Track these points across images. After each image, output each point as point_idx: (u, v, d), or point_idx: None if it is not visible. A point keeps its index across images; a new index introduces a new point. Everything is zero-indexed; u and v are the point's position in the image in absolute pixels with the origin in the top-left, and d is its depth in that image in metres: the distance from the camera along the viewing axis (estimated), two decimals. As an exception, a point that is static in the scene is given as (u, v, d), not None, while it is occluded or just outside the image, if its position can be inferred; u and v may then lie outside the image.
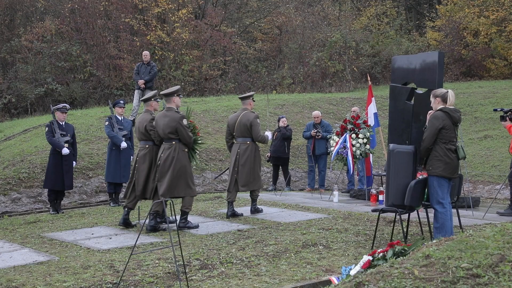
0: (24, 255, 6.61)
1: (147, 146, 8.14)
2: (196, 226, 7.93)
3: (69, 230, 8.17)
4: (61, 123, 10.07)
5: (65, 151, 9.86)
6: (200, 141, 8.25)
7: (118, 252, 6.59)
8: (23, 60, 24.02)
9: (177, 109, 7.95)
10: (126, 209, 8.21)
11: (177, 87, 8.36)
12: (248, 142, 8.90)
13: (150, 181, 8.03)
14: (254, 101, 9.21)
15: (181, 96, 8.40)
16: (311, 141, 12.53)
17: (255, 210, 9.05)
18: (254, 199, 9.10)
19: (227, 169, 9.64)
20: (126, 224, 8.15)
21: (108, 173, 10.53)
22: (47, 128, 10.02)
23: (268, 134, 9.15)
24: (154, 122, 7.97)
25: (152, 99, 8.37)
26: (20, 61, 24.00)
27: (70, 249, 6.91)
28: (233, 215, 8.74)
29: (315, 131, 12.40)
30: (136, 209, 8.48)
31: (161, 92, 8.26)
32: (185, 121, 7.82)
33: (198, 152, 8.28)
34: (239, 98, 9.47)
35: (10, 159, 12.18)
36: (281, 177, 13.20)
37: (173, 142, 7.80)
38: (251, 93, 9.57)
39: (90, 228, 8.27)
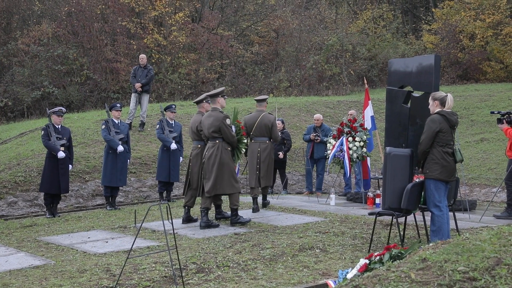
0: (20, 259, 6.58)
1: (199, 146, 8.54)
2: (248, 221, 8.32)
3: (65, 234, 8.14)
4: (57, 127, 10.04)
5: (61, 154, 9.84)
6: (245, 141, 8.60)
7: (114, 256, 6.57)
8: (19, 64, 23.99)
9: (222, 109, 8.29)
10: (186, 207, 8.63)
11: (222, 88, 8.75)
12: (267, 142, 9.62)
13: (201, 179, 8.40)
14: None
15: (225, 97, 8.82)
16: (310, 144, 12.52)
17: (264, 204, 9.86)
18: (265, 195, 9.87)
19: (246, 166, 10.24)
20: (188, 220, 8.54)
21: (104, 177, 10.52)
22: (43, 132, 9.99)
23: None
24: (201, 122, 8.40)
25: (204, 101, 8.76)
26: (17, 65, 23.97)
27: (66, 253, 6.89)
28: (257, 209, 9.40)
29: (314, 134, 12.39)
30: (132, 213, 8.46)
31: (207, 94, 8.73)
32: (228, 121, 8.13)
33: (243, 151, 8.65)
34: (256, 100, 10.10)
35: (6, 163, 12.16)
36: (278, 180, 13.19)
37: (217, 141, 8.11)
38: (266, 96, 10.39)
39: (87, 231, 8.25)
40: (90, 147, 13.27)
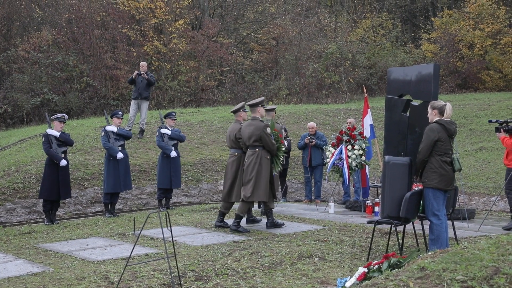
0: (18, 266, 6.57)
1: (236, 154, 8.76)
2: (282, 224, 8.65)
3: (64, 241, 8.13)
4: (57, 135, 10.04)
5: (63, 162, 9.86)
6: (283, 149, 8.74)
7: (113, 263, 6.56)
8: (19, 70, 24.02)
9: (261, 118, 8.57)
10: (220, 212, 8.87)
11: (262, 98, 8.96)
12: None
13: (236, 185, 8.64)
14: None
15: (265, 106, 9.02)
16: (307, 152, 12.52)
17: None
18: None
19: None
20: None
21: (108, 184, 10.50)
22: (44, 138, 10.01)
23: None
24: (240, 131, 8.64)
25: (241, 110, 9.01)
26: (17, 71, 24.00)
27: (64, 260, 6.88)
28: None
29: (309, 137, 12.40)
30: (131, 220, 8.45)
31: (247, 103, 8.97)
32: (268, 130, 8.36)
33: (282, 158, 8.79)
34: (266, 110, 9.92)
35: (6, 169, 12.15)
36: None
37: (257, 149, 8.37)
38: (274, 106, 10.53)
39: (85, 239, 8.24)
40: (89, 154, 13.27)
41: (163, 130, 11.27)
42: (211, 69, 27.31)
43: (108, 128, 10.68)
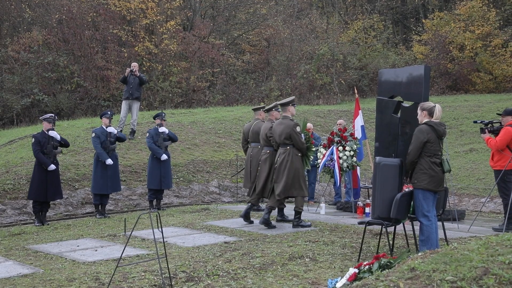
0: (8, 268, 6.54)
1: (268, 151, 9.07)
2: (309, 225, 8.70)
3: (54, 242, 8.10)
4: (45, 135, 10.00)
5: (52, 167, 9.82)
6: (313, 149, 9.03)
7: (103, 265, 6.54)
8: (9, 71, 23.89)
9: (292, 117, 8.79)
10: (249, 204, 9.21)
11: (292, 97, 9.21)
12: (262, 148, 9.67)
13: (269, 182, 8.92)
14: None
15: (295, 105, 9.18)
16: (300, 153, 12.50)
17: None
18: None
19: None
20: (246, 217, 9.01)
21: (95, 185, 10.49)
22: (33, 139, 9.94)
23: None
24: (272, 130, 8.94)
25: (273, 109, 9.37)
26: (7, 72, 23.86)
27: (55, 261, 6.85)
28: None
29: None
30: (122, 221, 8.43)
31: (278, 103, 9.32)
32: (298, 128, 8.63)
33: (312, 158, 9.05)
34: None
35: (-5, 170, 12.08)
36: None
37: (288, 147, 8.61)
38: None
39: (76, 240, 8.21)
40: (80, 155, 13.22)
41: (161, 129, 11.24)
42: (202, 70, 27.29)
43: (109, 129, 10.65)
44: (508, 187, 8.62)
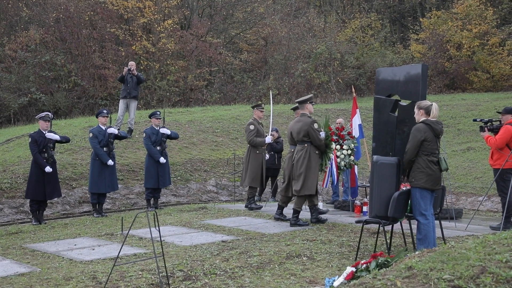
0: (5, 267, 6.53)
1: (292, 150, 8.99)
2: (307, 224, 8.75)
3: (52, 241, 8.08)
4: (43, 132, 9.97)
5: (48, 169, 9.77)
6: (332, 146, 9.07)
7: (101, 263, 6.53)
8: (6, 70, 23.84)
9: (310, 114, 8.81)
10: (279, 206, 9.25)
11: (310, 95, 9.33)
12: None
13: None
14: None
15: (313, 103, 9.26)
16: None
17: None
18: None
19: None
20: (281, 219, 9.08)
21: (92, 184, 10.47)
22: (30, 139, 9.91)
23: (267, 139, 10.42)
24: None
25: (307, 102, 9.02)
26: (4, 71, 23.81)
27: (52, 260, 6.84)
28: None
29: None
30: (119, 220, 8.42)
31: (296, 100, 9.29)
32: (316, 125, 8.65)
33: (331, 156, 9.16)
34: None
35: (-8, 169, 12.05)
36: (267, 188, 13.16)
37: (305, 145, 8.67)
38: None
39: (73, 239, 8.20)
40: (77, 153, 13.20)
41: (162, 130, 11.19)
42: (200, 69, 27.28)
43: (109, 130, 10.63)
44: (507, 186, 8.63)
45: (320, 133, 8.80)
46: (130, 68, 13.99)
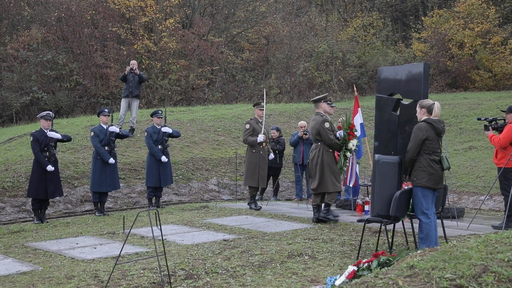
0: (7, 265, 6.54)
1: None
2: (337, 217, 8.87)
3: (53, 239, 8.09)
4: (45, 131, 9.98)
5: (50, 168, 9.78)
6: (350, 147, 8.84)
7: (102, 262, 6.54)
8: (8, 69, 23.85)
9: (323, 113, 8.83)
10: (314, 207, 9.06)
11: (325, 94, 9.42)
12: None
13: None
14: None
15: (329, 102, 9.29)
16: (298, 150, 12.48)
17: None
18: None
19: None
20: (318, 220, 8.88)
21: (94, 183, 10.47)
22: (32, 138, 9.91)
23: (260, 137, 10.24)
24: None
25: (322, 101, 9.01)
26: (6, 70, 23.83)
27: (54, 259, 6.84)
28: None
29: (302, 130, 12.38)
30: (121, 219, 8.43)
31: (311, 99, 9.43)
32: (327, 124, 8.65)
33: (349, 156, 9.04)
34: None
35: (-6, 168, 12.07)
36: (269, 187, 13.16)
37: (319, 143, 8.76)
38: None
39: (75, 237, 8.20)
40: (79, 152, 13.22)
41: (164, 129, 11.20)
42: (201, 68, 27.28)
43: (111, 128, 10.63)
44: (510, 185, 8.62)
45: (338, 132, 8.79)
46: (132, 67, 14.00)
